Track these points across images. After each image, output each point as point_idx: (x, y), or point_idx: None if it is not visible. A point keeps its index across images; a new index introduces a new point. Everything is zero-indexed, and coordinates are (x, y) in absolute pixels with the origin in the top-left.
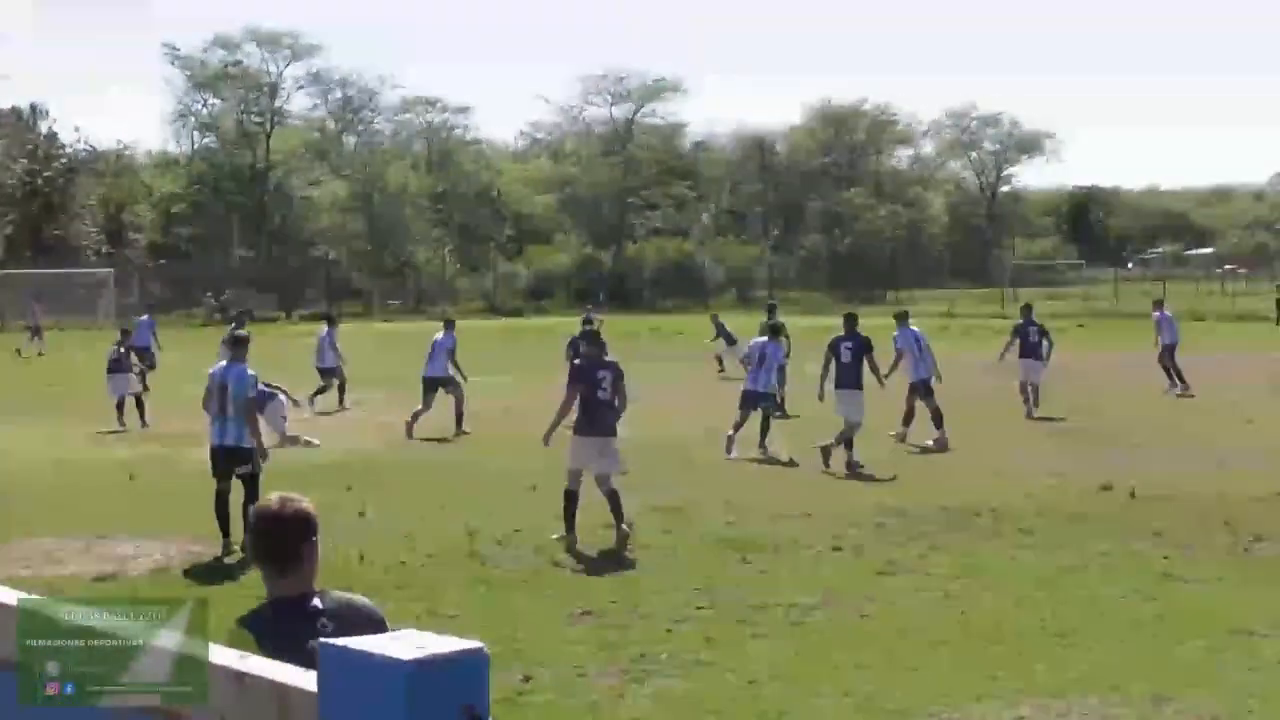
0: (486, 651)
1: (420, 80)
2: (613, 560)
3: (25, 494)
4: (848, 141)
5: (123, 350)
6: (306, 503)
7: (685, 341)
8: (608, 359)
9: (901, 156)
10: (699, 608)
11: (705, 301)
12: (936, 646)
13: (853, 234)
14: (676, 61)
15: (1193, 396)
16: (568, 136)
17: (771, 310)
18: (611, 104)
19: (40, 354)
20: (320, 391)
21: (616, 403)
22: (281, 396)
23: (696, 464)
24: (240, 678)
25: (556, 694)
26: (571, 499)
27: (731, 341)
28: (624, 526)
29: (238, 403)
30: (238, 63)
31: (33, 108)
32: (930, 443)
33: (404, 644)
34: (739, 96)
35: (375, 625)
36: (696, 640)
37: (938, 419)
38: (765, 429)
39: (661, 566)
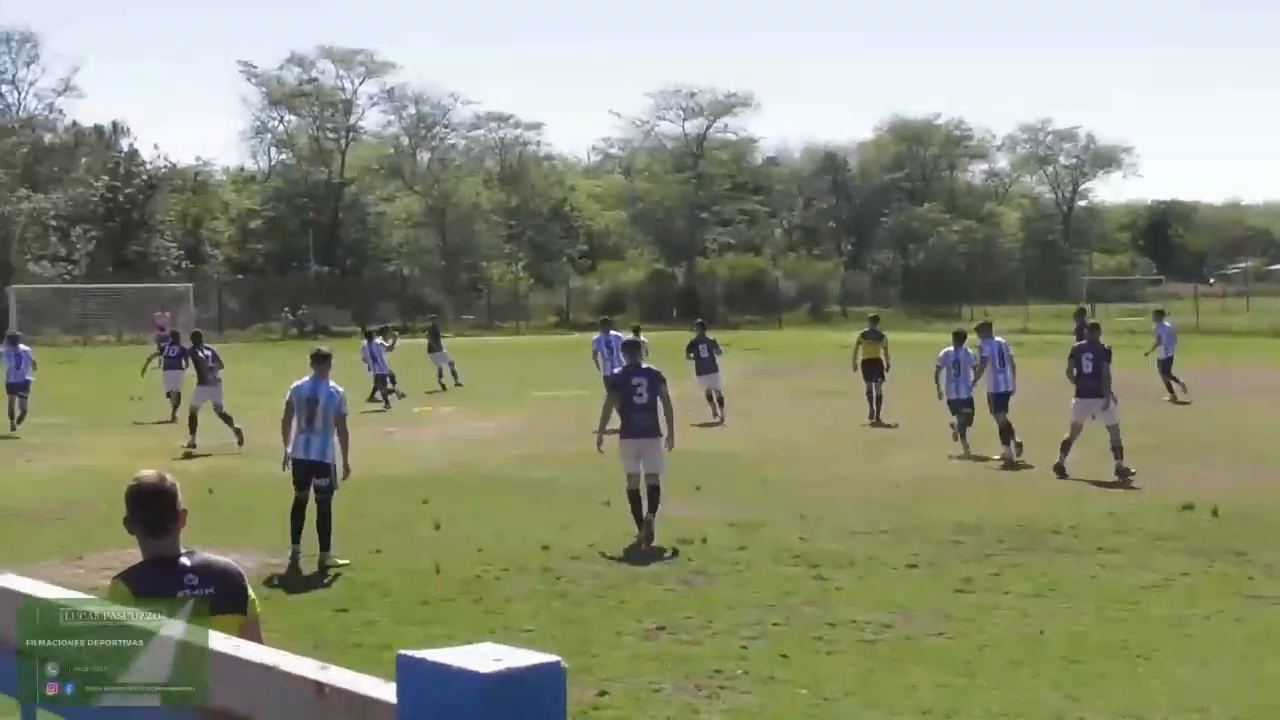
0: (564, 665)
1: (493, 97)
2: (687, 575)
3: (110, 505)
4: (921, 156)
5: (185, 350)
6: (172, 478)
7: (758, 357)
8: (644, 366)
9: (975, 171)
10: (773, 624)
11: (778, 317)
12: (1015, 665)
13: (926, 249)
14: (748, 76)
15: (1188, 403)
16: (639, 152)
17: (875, 322)
18: (684, 119)
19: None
20: (388, 393)
21: (659, 407)
22: None
23: (770, 479)
24: (320, 688)
25: (631, 709)
26: (634, 499)
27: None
28: (653, 519)
29: (327, 416)
30: (313, 80)
31: (114, 126)
32: (996, 458)
33: (481, 657)
34: (811, 111)
35: (232, 578)
36: (771, 657)
37: (1006, 435)
38: (964, 431)
39: (735, 582)
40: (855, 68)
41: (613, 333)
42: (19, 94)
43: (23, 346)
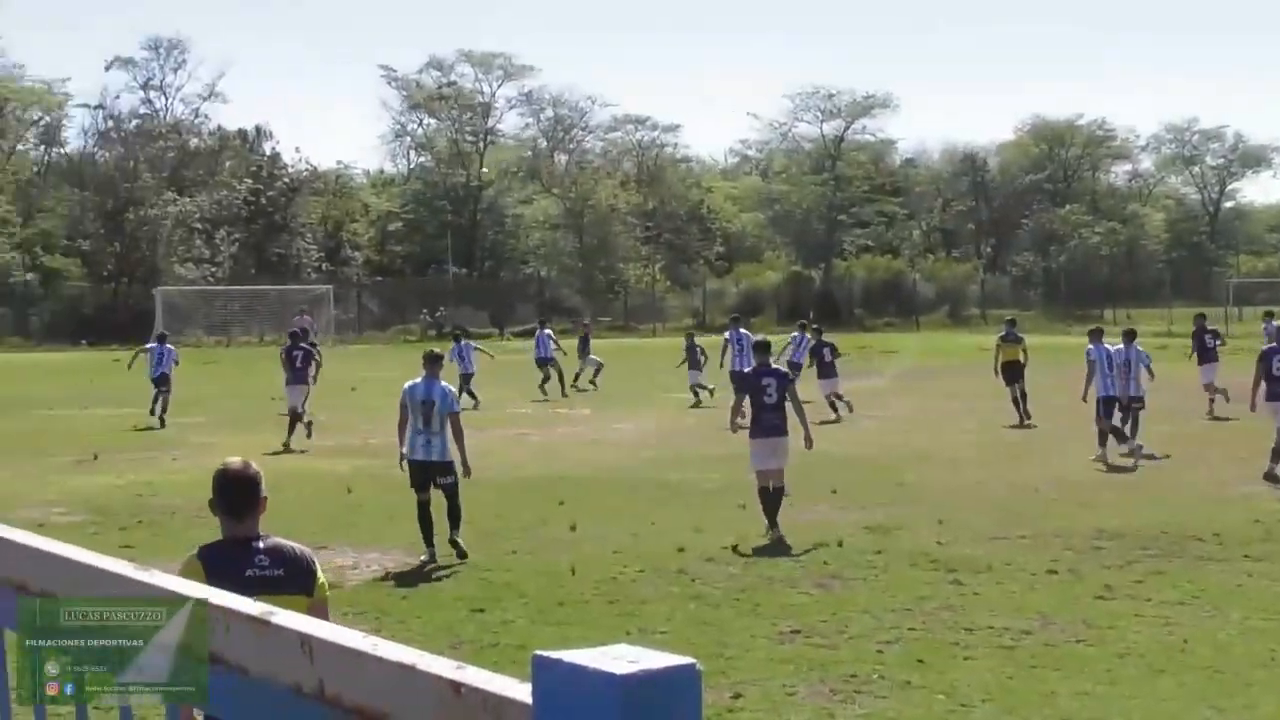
0: (699, 668)
1: (631, 99)
2: (823, 579)
3: None
4: (1062, 157)
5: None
6: (257, 466)
7: (896, 360)
8: (773, 367)
9: (1118, 172)
10: (909, 628)
11: (915, 320)
12: (1156, 675)
13: (1067, 252)
14: (886, 76)
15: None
16: (777, 154)
17: (1011, 324)
18: (822, 121)
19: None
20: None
21: (787, 407)
22: None
23: (907, 483)
24: (457, 687)
25: (766, 712)
26: (765, 495)
27: (697, 366)
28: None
29: (442, 416)
30: (452, 84)
31: (257, 130)
32: (1093, 458)
33: (616, 659)
34: (950, 112)
35: (301, 563)
36: (907, 661)
37: (1103, 437)
38: (1135, 429)
39: (871, 586)
40: (996, 68)
41: (742, 330)
42: (166, 99)
43: (168, 345)
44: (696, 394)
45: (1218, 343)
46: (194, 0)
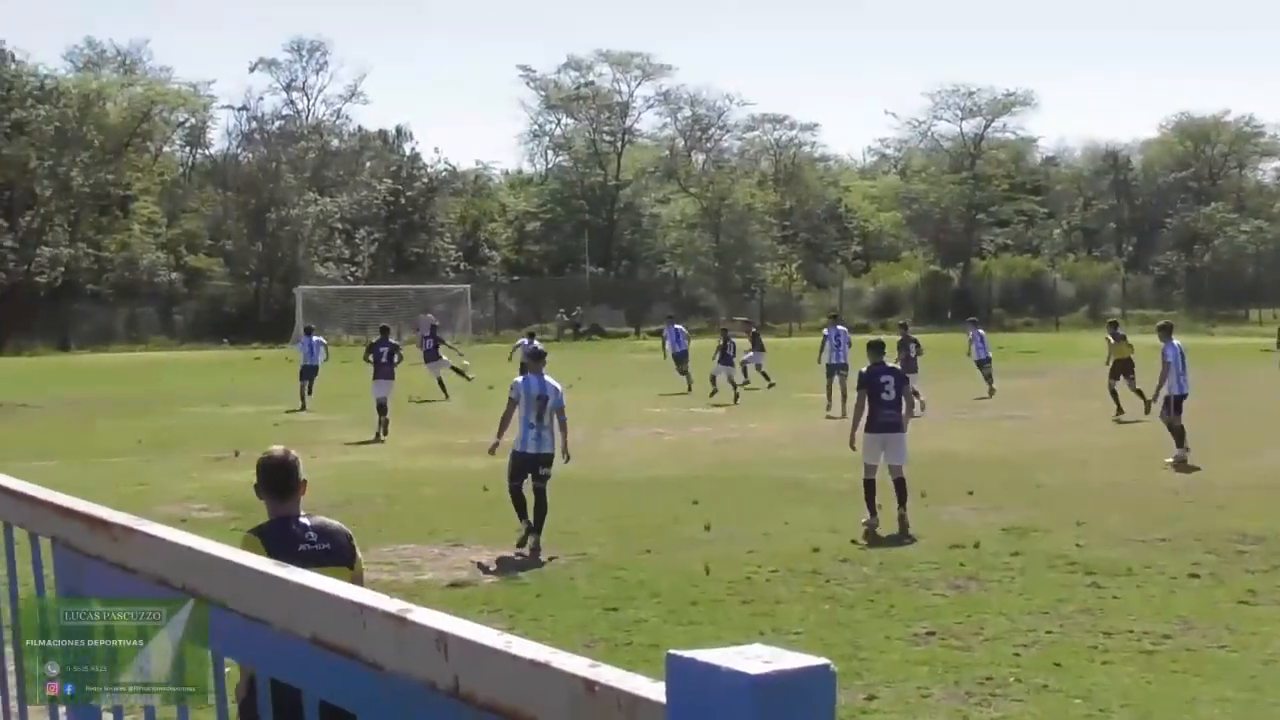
0: (833, 669)
1: (769, 98)
2: (959, 580)
3: (387, 501)
4: (1207, 154)
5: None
6: (295, 452)
7: (1036, 360)
8: (890, 365)
9: (1266, 169)
10: (1046, 632)
11: (1055, 319)
12: None
13: (1212, 250)
14: (1026, 73)
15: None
16: (916, 152)
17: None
18: (961, 119)
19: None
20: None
21: (903, 405)
22: None
23: (1045, 484)
24: (591, 685)
25: (900, 714)
26: (869, 487)
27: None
28: (906, 512)
29: (553, 411)
30: (590, 84)
31: (397, 130)
32: (1168, 460)
33: (751, 658)
34: (1092, 109)
35: (343, 538)
36: (1044, 665)
37: (1180, 437)
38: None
39: (1008, 588)
40: (1139, 65)
41: (839, 327)
42: (309, 100)
43: (316, 338)
44: (732, 385)
45: None
46: (337, 2)
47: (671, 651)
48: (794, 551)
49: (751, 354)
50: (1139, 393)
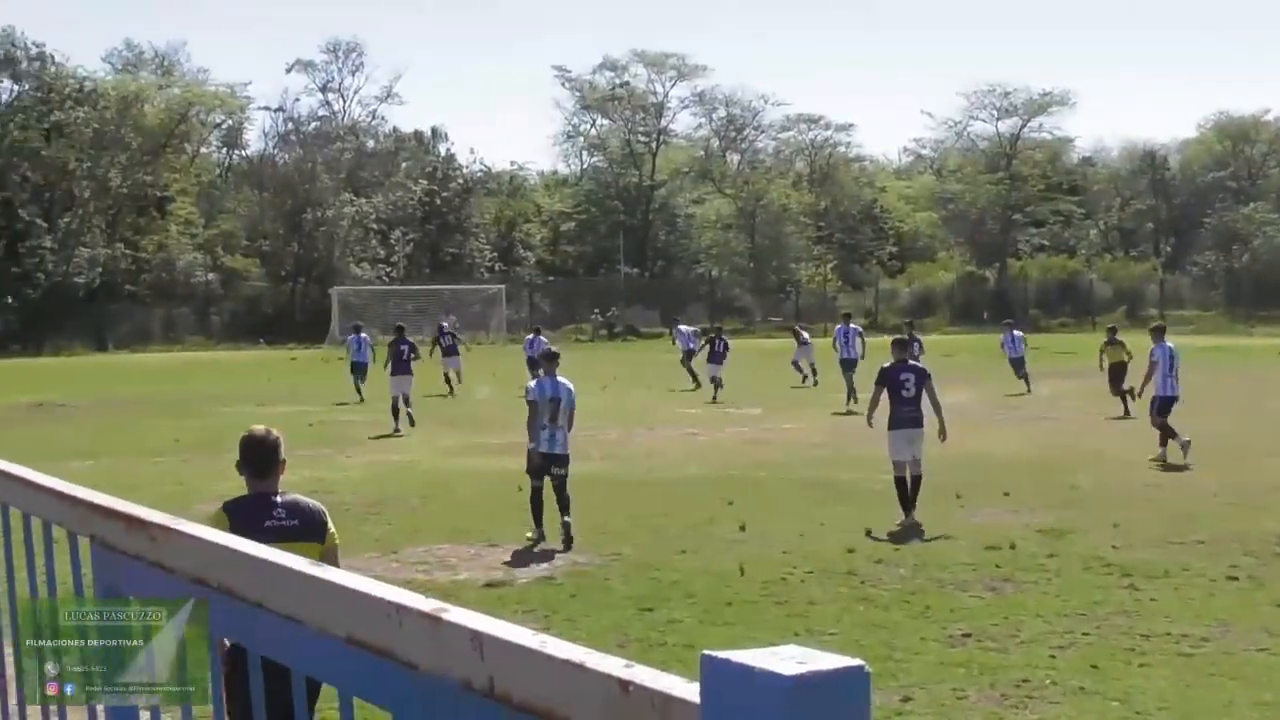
0: (868, 670)
1: (804, 98)
2: (994, 582)
3: (423, 501)
4: (1247, 154)
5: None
6: (277, 432)
7: (1072, 361)
8: (911, 363)
9: None
10: (1083, 633)
11: (1092, 320)
12: None
13: (1251, 251)
14: (1063, 72)
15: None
16: (952, 152)
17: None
18: (997, 119)
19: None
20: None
21: (924, 401)
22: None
23: (1081, 486)
24: (625, 685)
25: (935, 717)
26: (901, 485)
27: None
28: (913, 509)
29: (567, 411)
30: (625, 84)
31: (433, 131)
32: (1152, 459)
33: (785, 659)
34: (1130, 109)
35: (314, 515)
36: (1080, 667)
37: (1165, 437)
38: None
39: (1044, 590)
40: (1177, 65)
41: (851, 325)
42: (344, 101)
43: (363, 334)
44: (715, 385)
45: None
46: (371, 2)
47: (706, 652)
48: (829, 552)
49: (801, 349)
50: (1130, 390)
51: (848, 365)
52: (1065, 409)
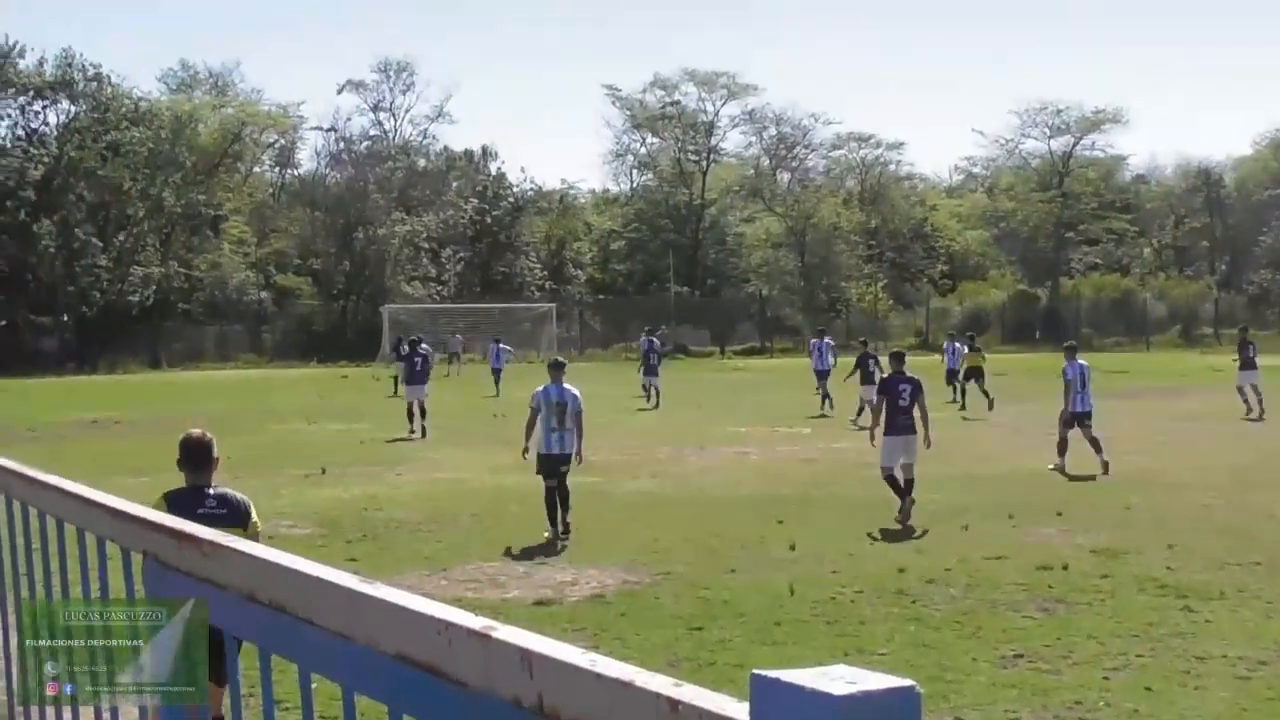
0: (920, 691)
1: (854, 116)
2: (1047, 602)
3: (473, 519)
4: None
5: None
6: (211, 435)
7: (1126, 381)
8: (908, 374)
9: None
10: (1137, 655)
11: (1145, 339)
12: None
13: None
14: (1116, 90)
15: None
16: (1003, 170)
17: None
18: (1049, 137)
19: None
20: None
21: (917, 411)
22: None
23: (1135, 506)
24: (674, 705)
25: None
26: (893, 483)
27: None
28: (910, 500)
29: (573, 416)
30: (676, 103)
31: (483, 150)
32: (1050, 466)
33: (835, 679)
34: (1184, 126)
35: (239, 505)
36: (1134, 689)
37: (1062, 448)
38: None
39: (1097, 611)
40: (1232, 82)
41: (826, 340)
42: (395, 121)
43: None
44: (649, 394)
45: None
46: (423, 22)
47: (756, 671)
48: (880, 571)
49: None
50: (985, 392)
51: (821, 375)
52: (1118, 428)
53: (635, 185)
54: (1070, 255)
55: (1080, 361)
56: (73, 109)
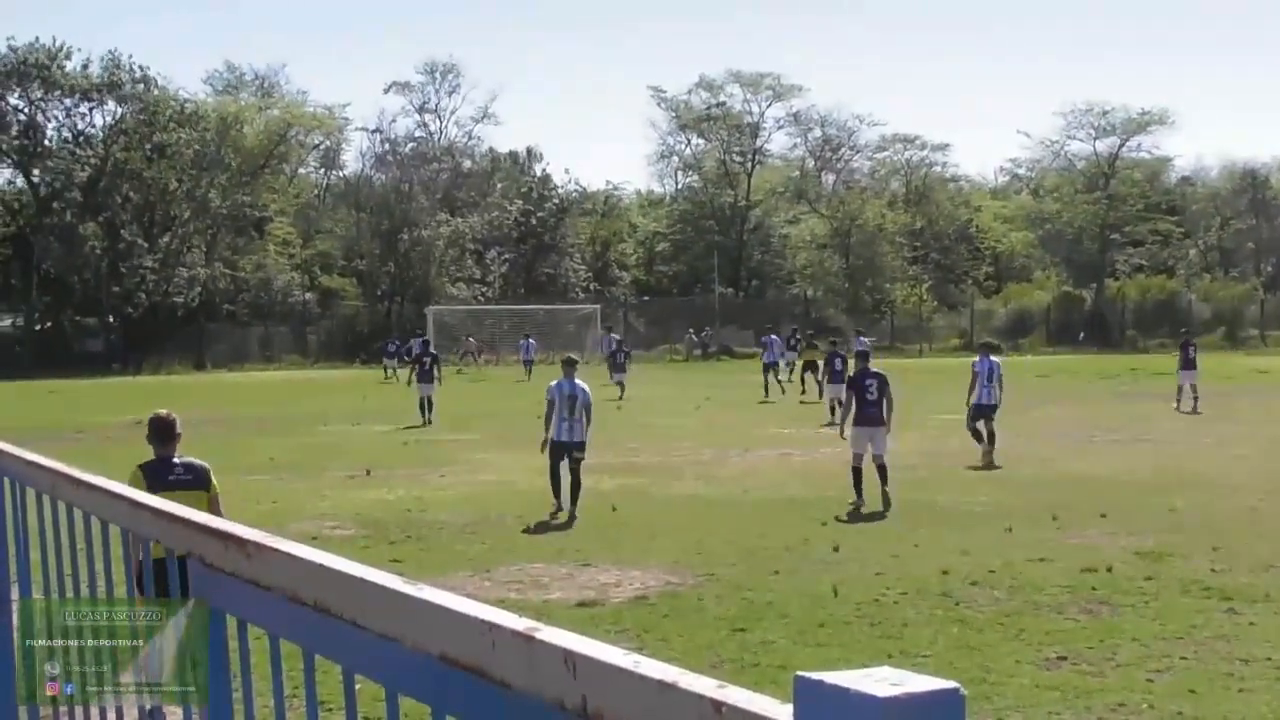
0: (963, 692)
1: (900, 118)
2: (1091, 604)
3: (517, 520)
4: None
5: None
6: (175, 414)
7: (1172, 382)
8: (874, 370)
9: None
10: (1181, 658)
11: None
12: None
13: None
14: (1162, 91)
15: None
16: (1049, 172)
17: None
18: (1094, 138)
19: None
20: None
21: (884, 403)
22: None
23: (1179, 508)
24: (718, 706)
25: None
26: (857, 475)
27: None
28: (888, 490)
29: (584, 407)
30: (721, 104)
31: (528, 151)
32: (980, 460)
33: (879, 681)
34: (1228, 127)
35: (202, 471)
36: (1178, 692)
37: (981, 439)
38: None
39: (1141, 613)
40: (1278, 83)
41: (774, 335)
42: (441, 122)
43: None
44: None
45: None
46: (468, 23)
47: (799, 674)
48: (923, 573)
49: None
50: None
51: (768, 368)
52: (1163, 431)
53: (680, 187)
54: (1115, 257)
55: (994, 359)
56: (119, 110)
